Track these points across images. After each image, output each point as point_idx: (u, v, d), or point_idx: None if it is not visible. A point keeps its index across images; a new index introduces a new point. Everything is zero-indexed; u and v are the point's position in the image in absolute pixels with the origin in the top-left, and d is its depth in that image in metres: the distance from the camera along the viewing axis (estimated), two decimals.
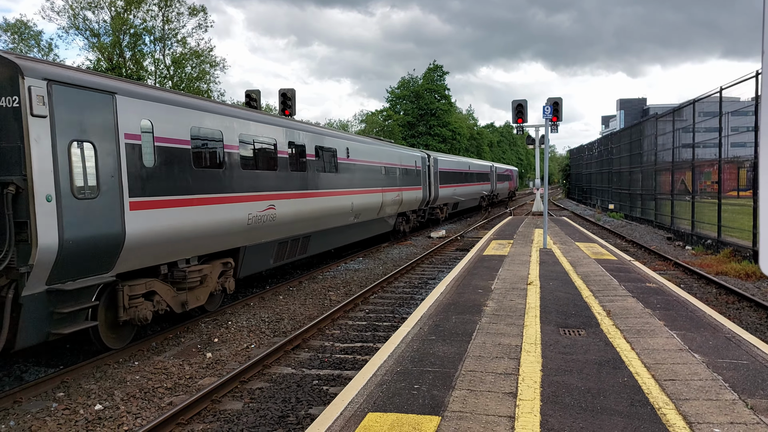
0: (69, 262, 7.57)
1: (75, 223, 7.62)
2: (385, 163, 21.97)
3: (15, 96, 7.04)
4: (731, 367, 6.37)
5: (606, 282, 11.66)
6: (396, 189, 23.09)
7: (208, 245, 10.61)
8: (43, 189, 7.18)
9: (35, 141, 7.10)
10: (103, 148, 8.16)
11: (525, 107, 26.75)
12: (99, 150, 8.10)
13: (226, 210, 10.99)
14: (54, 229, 7.28)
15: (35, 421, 6.68)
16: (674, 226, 24.90)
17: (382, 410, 5.26)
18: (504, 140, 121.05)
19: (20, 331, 7.12)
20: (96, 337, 8.68)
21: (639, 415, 5.11)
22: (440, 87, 72.76)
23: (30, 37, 35.18)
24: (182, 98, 10.52)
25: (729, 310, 11.49)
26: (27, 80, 7.05)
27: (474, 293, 10.65)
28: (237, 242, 11.58)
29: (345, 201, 17.44)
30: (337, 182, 16.93)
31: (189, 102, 10.50)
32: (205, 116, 10.73)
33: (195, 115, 10.40)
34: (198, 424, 6.65)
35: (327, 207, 16.00)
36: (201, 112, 10.61)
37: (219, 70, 47.04)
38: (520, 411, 5.20)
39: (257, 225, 12.12)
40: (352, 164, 18.36)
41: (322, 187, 15.79)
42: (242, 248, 11.89)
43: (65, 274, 7.60)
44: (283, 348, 9.15)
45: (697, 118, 22.52)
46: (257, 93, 20.09)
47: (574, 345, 7.25)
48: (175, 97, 10.22)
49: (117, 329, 9.04)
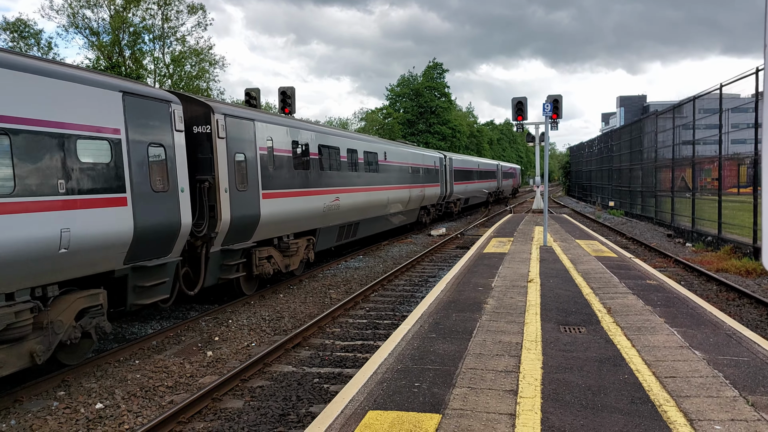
0: (234, 231, 11.56)
1: (238, 206, 11.56)
2: (411, 163, 25.57)
3: (207, 125, 11.12)
4: (732, 364, 6.37)
5: (606, 279, 11.65)
6: (419, 186, 26.59)
7: (300, 225, 14.69)
8: (223, 185, 11.17)
9: (220, 153, 11.16)
10: (249, 157, 12.17)
11: (525, 105, 26.67)
12: (248, 159, 12.10)
13: (311, 200, 15.15)
14: (228, 210, 11.26)
15: (36, 420, 6.68)
16: (675, 223, 24.89)
17: (382, 408, 5.26)
18: (504, 138, 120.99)
19: (207, 275, 11.11)
20: (237, 285, 12.53)
21: (640, 412, 5.10)
22: (440, 85, 72.67)
23: (29, 36, 35.13)
24: (287, 120, 14.99)
25: (729, 307, 11.49)
26: (215, 115, 11.15)
27: (474, 291, 10.64)
28: (316, 224, 15.73)
29: (383, 195, 21.33)
30: (378, 180, 20.87)
31: (290, 122, 14.79)
32: (300, 132, 14.86)
33: (294, 132, 14.50)
34: (199, 422, 6.65)
35: (371, 200, 20.04)
36: (297, 129, 14.76)
37: (218, 69, 46.99)
38: (521, 408, 5.20)
39: (328, 212, 16.24)
40: (389, 165, 22.34)
41: (369, 184, 19.79)
42: (318, 229, 16.02)
43: (231, 240, 11.62)
44: (284, 346, 9.15)
45: (697, 115, 22.50)
46: (257, 91, 20.07)
47: (575, 342, 7.25)
48: (283, 120, 14.54)
49: (248, 281, 13.00)
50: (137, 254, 8.98)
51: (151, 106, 9.39)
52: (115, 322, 10.94)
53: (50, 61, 8.28)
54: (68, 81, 7.78)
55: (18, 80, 7.02)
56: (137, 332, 10.46)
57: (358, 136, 20.58)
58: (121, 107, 8.70)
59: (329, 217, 16.35)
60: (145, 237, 9.00)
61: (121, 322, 10.94)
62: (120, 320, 11.03)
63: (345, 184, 17.47)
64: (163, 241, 9.58)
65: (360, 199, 18.79)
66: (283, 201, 13.53)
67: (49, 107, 7.41)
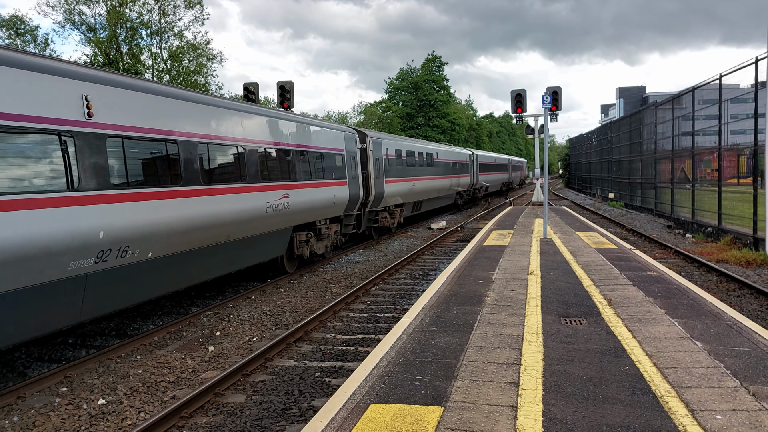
0: (375, 201, 20.69)
1: (378, 186, 20.88)
2: (452, 159, 34.86)
3: (364, 144, 20.40)
4: (733, 354, 6.38)
5: (607, 271, 11.66)
6: (456, 176, 35.64)
7: (398, 200, 23.99)
8: (372, 175, 20.48)
9: (370, 159, 20.55)
10: (378, 159, 21.24)
11: (524, 97, 26.65)
12: (380, 161, 21.36)
13: (412, 183, 25.73)
14: (374, 189, 20.48)
15: (39, 416, 6.70)
16: (674, 215, 24.89)
17: (384, 401, 5.27)
18: (503, 130, 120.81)
19: (364, 223, 20.63)
20: (369, 234, 22.69)
21: (641, 403, 5.12)
22: (439, 78, 72.50)
23: (26, 32, 34.99)
24: (394, 137, 26.76)
25: (730, 298, 11.51)
26: (368, 138, 20.68)
27: (475, 284, 10.65)
28: (405, 200, 25.19)
29: (434, 183, 30.44)
30: (433, 173, 30.19)
31: (395, 138, 26.32)
32: (397, 143, 25.00)
33: (395, 143, 24.40)
34: (201, 417, 6.67)
35: (429, 186, 29.16)
36: (396, 141, 24.93)
37: (216, 64, 46.86)
38: (523, 400, 5.21)
39: (413, 192, 26.08)
40: (438, 161, 31.67)
41: (427, 176, 29.02)
42: (404, 203, 25.26)
43: (374, 205, 20.97)
44: (285, 341, 9.16)
45: (696, 106, 22.46)
46: (255, 86, 20.01)
47: (576, 334, 7.26)
48: (392, 137, 25.84)
49: (377, 231, 23.15)
50: (347, 209, 17.88)
51: (350, 135, 18.92)
52: (117, 318, 10.95)
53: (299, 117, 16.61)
54: (334, 130, 17.90)
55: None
56: (139, 328, 10.48)
57: (429, 143, 33.53)
58: (343, 138, 18.05)
59: (413, 195, 26.37)
60: (351, 200, 17.97)
61: (123, 318, 10.96)
62: (122, 317, 11.05)
63: (419, 174, 27.24)
64: (355, 203, 18.58)
65: (424, 185, 28.07)
66: (394, 184, 23.24)
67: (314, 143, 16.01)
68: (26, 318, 7.11)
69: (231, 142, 11.56)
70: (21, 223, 6.79)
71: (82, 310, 7.97)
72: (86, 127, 7.91)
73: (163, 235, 9.21)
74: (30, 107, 7.08)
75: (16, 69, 6.99)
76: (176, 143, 9.75)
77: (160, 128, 9.40)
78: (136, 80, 9.45)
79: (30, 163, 7.06)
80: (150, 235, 8.87)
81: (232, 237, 11.38)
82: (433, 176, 29.87)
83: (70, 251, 7.43)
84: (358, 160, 19.17)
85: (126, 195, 8.47)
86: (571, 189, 67.80)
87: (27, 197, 6.89)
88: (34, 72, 7.22)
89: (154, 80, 12.39)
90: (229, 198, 11.16)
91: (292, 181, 13.99)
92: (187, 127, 10.13)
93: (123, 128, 8.61)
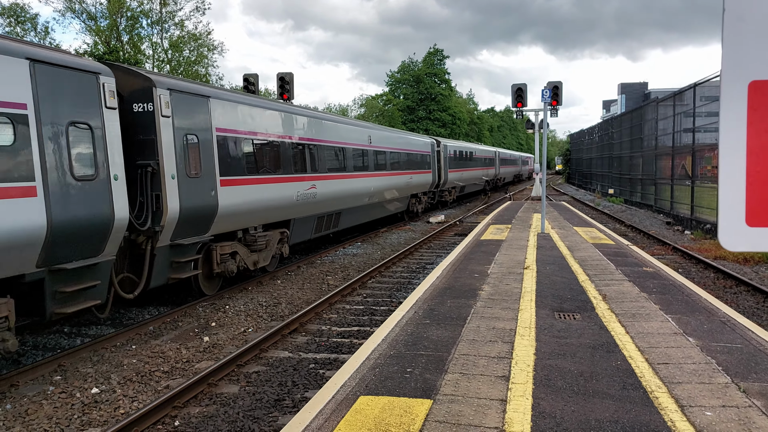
0: (442, 184, 32.90)
1: (444, 174, 32.89)
2: (483, 156, 45.55)
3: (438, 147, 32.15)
4: (725, 350, 6.39)
5: (603, 266, 11.66)
6: (485, 168, 46.19)
7: (461, 182, 37.26)
8: (444, 167, 32.77)
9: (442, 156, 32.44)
10: (445, 157, 32.56)
11: (525, 91, 26.54)
12: (445, 158, 32.85)
13: (461, 173, 36.43)
14: (443, 174, 32.70)
15: (32, 405, 6.71)
16: (674, 211, 24.87)
17: (374, 393, 5.28)
18: (504, 125, 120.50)
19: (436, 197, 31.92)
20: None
21: (631, 398, 5.12)
22: (440, 71, 72.23)
23: (26, 20, 34.87)
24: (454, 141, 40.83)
25: (726, 295, 11.50)
26: (441, 144, 32.48)
27: (470, 278, 10.65)
28: (462, 183, 37.17)
29: (472, 174, 40.59)
30: (471, 165, 40.02)
31: (455, 141, 41.21)
32: (459, 143, 38.18)
33: (458, 144, 38.14)
34: (194, 407, 6.69)
35: (471, 176, 40.08)
36: (458, 144, 38.52)
37: (217, 54, 46.73)
38: (512, 394, 5.22)
39: (462, 178, 36.80)
40: (475, 157, 41.91)
41: (471, 167, 39.87)
42: (464, 186, 38.05)
43: (441, 186, 33.22)
44: (281, 332, 9.17)
45: (697, 102, 22.39)
46: (255, 77, 19.95)
47: (569, 329, 7.26)
48: (452, 141, 38.80)
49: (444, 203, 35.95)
50: (431, 186, 29.42)
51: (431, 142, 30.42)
52: (113, 308, 10.96)
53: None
54: None
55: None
56: (134, 317, 10.49)
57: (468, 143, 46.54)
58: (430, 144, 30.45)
59: (460, 182, 36.42)
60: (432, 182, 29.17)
61: (119, 308, 10.97)
62: (117, 306, 11.06)
63: (463, 167, 37.87)
64: (434, 184, 30.38)
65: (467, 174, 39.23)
66: (453, 173, 34.10)
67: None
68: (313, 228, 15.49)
69: (391, 150, 23.71)
70: None
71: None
72: (320, 142, 16.10)
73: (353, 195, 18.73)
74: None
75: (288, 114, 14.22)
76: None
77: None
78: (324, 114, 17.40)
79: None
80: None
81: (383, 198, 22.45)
82: (475, 168, 41.44)
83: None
84: (434, 157, 30.28)
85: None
86: (571, 184, 67.72)
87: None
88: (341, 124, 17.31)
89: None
90: (387, 178, 22.78)
91: (412, 170, 26.12)
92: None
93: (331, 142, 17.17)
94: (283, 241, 14.27)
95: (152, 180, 9.61)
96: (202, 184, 10.63)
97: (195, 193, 10.38)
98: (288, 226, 14.54)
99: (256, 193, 12.51)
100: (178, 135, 10.10)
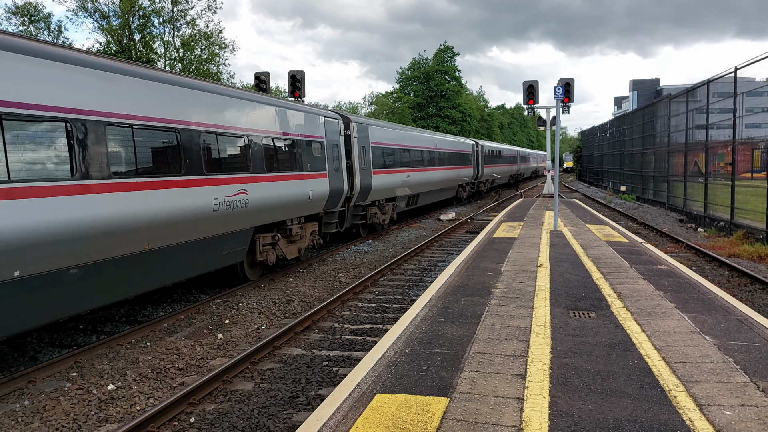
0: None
1: (481, 169, 39.50)
2: (509, 154, 52.50)
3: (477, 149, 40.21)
4: (743, 349, 6.33)
5: (617, 264, 11.59)
6: (510, 165, 53.23)
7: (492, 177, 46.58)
8: (480, 162, 39.25)
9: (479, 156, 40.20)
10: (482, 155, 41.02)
11: (536, 88, 26.49)
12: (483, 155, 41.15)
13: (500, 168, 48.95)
14: (474, 171, 37.73)
15: (49, 401, 6.78)
16: (687, 208, 24.67)
17: (390, 391, 5.28)
18: (515, 122, 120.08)
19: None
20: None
21: (649, 397, 5.09)
22: (450, 68, 72.08)
23: (39, 20, 35.12)
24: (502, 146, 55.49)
25: (741, 293, 11.40)
26: (478, 145, 39.99)
27: (483, 275, 10.63)
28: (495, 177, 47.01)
29: (501, 168, 47.72)
30: (500, 162, 47.54)
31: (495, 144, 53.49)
32: (494, 144, 49.80)
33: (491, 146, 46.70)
34: (209, 404, 6.72)
35: (499, 170, 47.30)
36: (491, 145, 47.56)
37: (228, 53, 46.83)
38: (529, 393, 5.20)
39: (494, 173, 45.14)
40: (503, 155, 49.11)
41: (498, 164, 46.97)
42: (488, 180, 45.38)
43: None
44: (294, 329, 9.20)
45: (711, 99, 22.18)
46: (267, 75, 20.02)
47: (584, 327, 7.23)
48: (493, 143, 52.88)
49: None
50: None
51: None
52: (128, 305, 11.05)
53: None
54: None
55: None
56: (149, 315, 10.56)
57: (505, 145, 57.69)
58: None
59: (495, 174, 43.44)
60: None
61: (133, 305, 11.05)
62: (132, 303, 11.14)
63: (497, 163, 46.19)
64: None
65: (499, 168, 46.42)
66: (488, 168, 42.16)
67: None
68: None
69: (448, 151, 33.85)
70: None
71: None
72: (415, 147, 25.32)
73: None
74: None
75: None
76: None
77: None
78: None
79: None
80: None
81: None
82: (503, 164, 49.06)
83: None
84: (474, 155, 34.97)
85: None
86: (582, 181, 67.38)
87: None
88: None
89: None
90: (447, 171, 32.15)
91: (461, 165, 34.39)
92: None
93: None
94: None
95: (350, 170, 17.82)
96: (367, 172, 19.04)
97: (365, 178, 18.75)
98: (395, 200, 22.96)
99: (391, 179, 21.46)
100: (359, 146, 18.45)
